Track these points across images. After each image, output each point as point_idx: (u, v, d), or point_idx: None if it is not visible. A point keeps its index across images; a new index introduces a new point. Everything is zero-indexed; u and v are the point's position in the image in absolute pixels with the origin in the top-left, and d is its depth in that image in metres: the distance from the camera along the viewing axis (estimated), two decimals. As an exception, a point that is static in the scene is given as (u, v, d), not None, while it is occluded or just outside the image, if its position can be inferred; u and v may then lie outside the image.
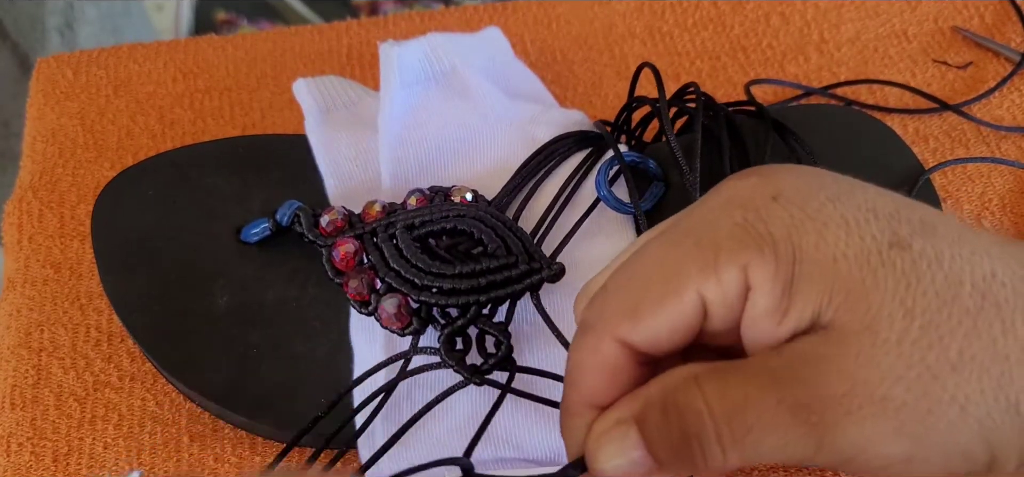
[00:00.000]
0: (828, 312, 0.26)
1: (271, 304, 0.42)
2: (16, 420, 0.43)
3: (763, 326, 0.27)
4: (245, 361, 0.41)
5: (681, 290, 0.27)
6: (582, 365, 0.28)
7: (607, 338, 0.28)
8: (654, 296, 0.27)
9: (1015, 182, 0.50)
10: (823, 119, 0.50)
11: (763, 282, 0.26)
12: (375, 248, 0.41)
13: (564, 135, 0.45)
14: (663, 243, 0.28)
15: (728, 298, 0.27)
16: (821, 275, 0.26)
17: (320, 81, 0.49)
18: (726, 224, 0.27)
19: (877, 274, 0.26)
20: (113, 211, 0.45)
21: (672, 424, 0.26)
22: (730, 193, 0.28)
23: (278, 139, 0.48)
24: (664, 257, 0.27)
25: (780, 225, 0.26)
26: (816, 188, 0.27)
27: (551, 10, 0.59)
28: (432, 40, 0.47)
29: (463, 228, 0.41)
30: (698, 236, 0.27)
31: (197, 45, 0.58)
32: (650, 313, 0.27)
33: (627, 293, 0.28)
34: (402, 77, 0.45)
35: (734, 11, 0.59)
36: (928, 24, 0.58)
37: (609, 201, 0.43)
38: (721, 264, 0.26)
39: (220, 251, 0.43)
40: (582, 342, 0.28)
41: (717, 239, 0.27)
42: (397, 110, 0.45)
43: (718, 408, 0.26)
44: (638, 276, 0.28)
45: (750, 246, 0.26)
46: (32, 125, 0.54)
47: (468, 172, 0.45)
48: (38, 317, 0.46)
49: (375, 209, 0.42)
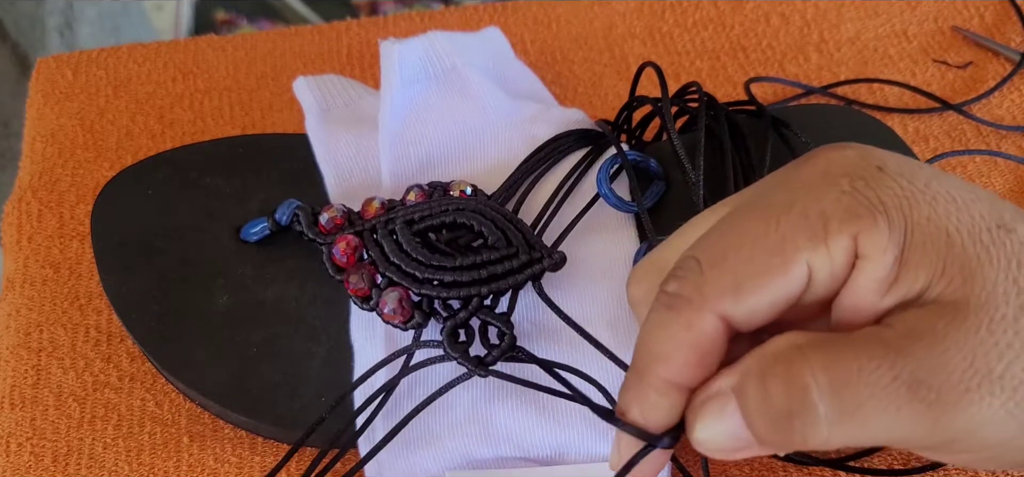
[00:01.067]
0: (938, 286, 0.25)
1: (271, 303, 0.42)
2: (15, 420, 0.43)
3: (867, 296, 0.26)
4: (245, 360, 0.41)
5: (789, 262, 0.26)
6: (670, 339, 0.27)
7: (707, 313, 0.26)
8: (759, 269, 0.26)
9: (1015, 181, 0.50)
10: (823, 119, 0.50)
11: (875, 251, 0.26)
12: (375, 244, 0.41)
13: (564, 133, 0.45)
14: (761, 215, 0.27)
15: (836, 268, 0.26)
16: (934, 248, 0.25)
17: (320, 79, 0.49)
18: (833, 193, 0.26)
19: (990, 251, 0.25)
20: (112, 211, 0.45)
21: (774, 397, 0.25)
22: (828, 164, 0.27)
23: (277, 138, 0.48)
24: (766, 229, 0.26)
25: (891, 195, 0.26)
26: (916, 165, 0.27)
27: (551, 10, 0.59)
28: (433, 38, 0.47)
29: (463, 221, 0.41)
30: (804, 206, 0.26)
31: (197, 45, 0.58)
32: (757, 287, 0.26)
33: (728, 268, 0.26)
34: (403, 75, 0.45)
35: (734, 11, 0.59)
36: (928, 24, 0.58)
37: (610, 199, 0.43)
38: (831, 233, 0.26)
39: (219, 250, 0.43)
40: (672, 317, 0.27)
41: (824, 208, 0.26)
42: (397, 108, 0.45)
43: (826, 381, 0.25)
44: (738, 249, 0.26)
45: (862, 215, 0.26)
46: (32, 125, 0.54)
47: (468, 170, 0.45)
48: (37, 317, 0.46)
49: (374, 206, 0.42)
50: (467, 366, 0.38)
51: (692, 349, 0.27)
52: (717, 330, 0.27)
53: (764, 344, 0.26)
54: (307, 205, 0.43)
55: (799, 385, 0.25)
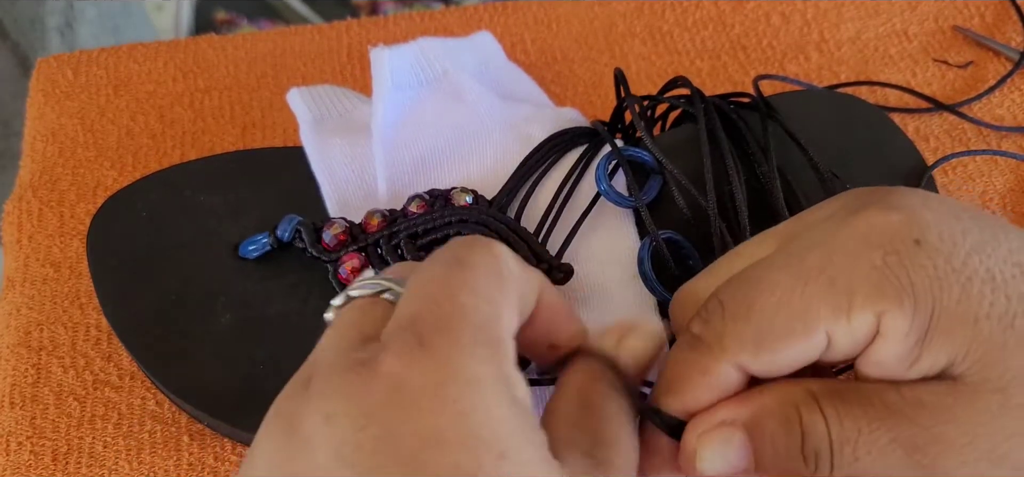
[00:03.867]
0: (961, 366, 0.26)
1: (274, 319, 0.42)
2: (15, 419, 0.43)
3: (888, 367, 0.27)
4: (251, 378, 0.40)
5: (810, 331, 0.27)
6: (688, 379, 0.28)
7: (724, 362, 0.28)
8: (780, 332, 0.27)
9: (1016, 181, 0.50)
10: (816, 104, 0.49)
11: (896, 333, 0.26)
12: (381, 261, 0.40)
13: (560, 133, 0.45)
14: (790, 274, 0.27)
15: (857, 340, 0.26)
16: (961, 333, 0.26)
17: (314, 90, 0.48)
18: (864, 266, 0.26)
19: (1020, 336, 0.26)
20: (108, 235, 0.44)
21: (791, 438, 0.27)
22: (868, 228, 0.27)
23: (270, 152, 0.48)
24: (792, 291, 0.27)
25: (922, 276, 0.26)
26: (959, 234, 0.27)
27: (551, 10, 0.59)
28: (423, 45, 0.47)
29: (467, 233, 0.40)
30: (832, 275, 0.26)
31: (197, 45, 0.58)
32: (775, 349, 0.27)
33: (751, 323, 0.27)
34: (394, 80, 0.45)
35: (734, 10, 0.59)
36: (928, 23, 0.58)
37: (610, 196, 0.43)
38: (855, 309, 0.26)
39: (219, 269, 0.43)
40: (692, 358, 0.28)
41: (853, 282, 0.26)
42: (390, 113, 0.45)
43: (835, 433, 0.26)
44: (762, 308, 0.27)
45: (889, 295, 0.26)
46: (32, 125, 0.54)
47: (464, 173, 0.45)
48: (37, 316, 0.46)
49: (376, 220, 0.42)
50: None
51: (707, 389, 0.28)
52: (733, 377, 0.28)
53: (779, 386, 0.28)
54: (308, 220, 0.43)
55: (817, 433, 0.27)
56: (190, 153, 0.52)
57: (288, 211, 0.43)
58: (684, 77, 0.46)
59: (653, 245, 0.41)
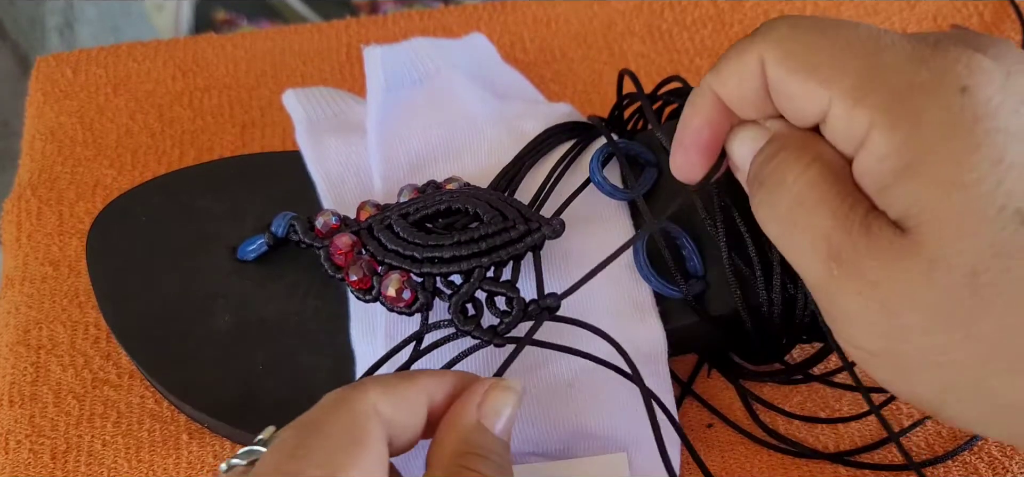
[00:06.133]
0: (913, 221, 0.26)
1: (273, 319, 0.42)
2: (14, 417, 0.43)
3: (864, 182, 0.28)
4: (252, 378, 0.41)
5: (825, 84, 0.29)
6: (726, 58, 0.32)
7: (754, 52, 0.31)
8: (803, 65, 0.29)
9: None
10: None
11: (876, 149, 0.27)
12: (372, 239, 0.41)
13: (554, 127, 0.45)
14: (849, 34, 0.29)
15: (850, 135, 0.28)
16: (934, 195, 0.26)
17: (309, 92, 0.49)
18: (895, 80, 0.27)
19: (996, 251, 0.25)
20: (107, 242, 0.44)
21: (760, 161, 0.31)
22: (934, 49, 0.27)
23: (267, 157, 0.48)
24: (833, 51, 0.29)
25: (936, 119, 0.26)
26: (1015, 122, 0.25)
27: (551, 9, 0.59)
28: (415, 44, 0.47)
29: (458, 206, 0.41)
30: (872, 65, 0.27)
31: (196, 44, 0.58)
32: (792, 72, 0.29)
33: (788, 37, 0.30)
34: (387, 79, 0.45)
35: (733, 9, 0.59)
36: (927, 23, 0.58)
37: (603, 187, 0.42)
38: (859, 105, 0.27)
39: (217, 271, 0.43)
40: (732, 50, 0.32)
41: (877, 84, 0.27)
42: (384, 111, 0.46)
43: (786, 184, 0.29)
44: (806, 31, 0.30)
45: (892, 114, 0.26)
46: (31, 124, 0.54)
47: (459, 169, 0.45)
48: (36, 314, 0.46)
49: (368, 209, 0.42)
50: (482, 338, 0.38)
51: (738, 72, 0.31)
52: (757, 75, 0.30)
53: (789, 129, 0.31)
54: (302, 215, 0.43)
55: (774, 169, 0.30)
56: (189, 152, 0.53)
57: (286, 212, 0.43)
58: (680, 77, 0.46)
59: (647, 236, 0.41)
